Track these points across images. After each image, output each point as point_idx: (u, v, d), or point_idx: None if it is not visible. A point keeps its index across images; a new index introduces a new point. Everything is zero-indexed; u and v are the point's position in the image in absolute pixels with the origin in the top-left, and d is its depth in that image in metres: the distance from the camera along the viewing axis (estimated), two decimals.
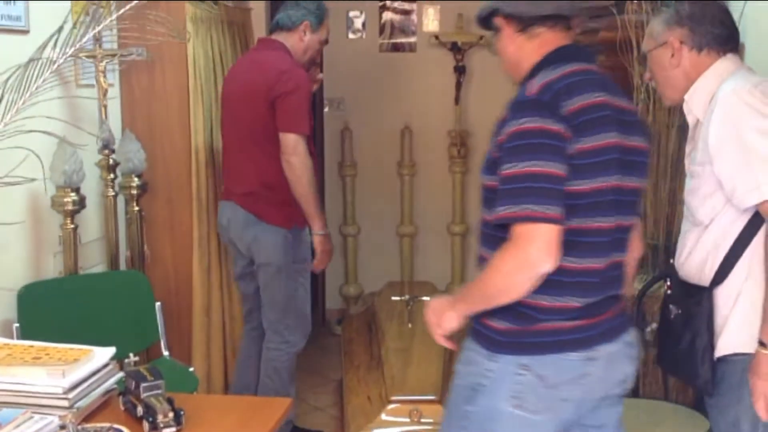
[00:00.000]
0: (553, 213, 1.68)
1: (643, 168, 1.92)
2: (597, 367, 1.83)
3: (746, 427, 1.97)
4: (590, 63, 1.90)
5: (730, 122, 1.90)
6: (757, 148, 1.85)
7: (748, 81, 1.93)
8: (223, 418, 1.99)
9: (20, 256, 2.83)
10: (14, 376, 1.88)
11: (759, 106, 1.87)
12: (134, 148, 3.25)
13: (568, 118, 1.73)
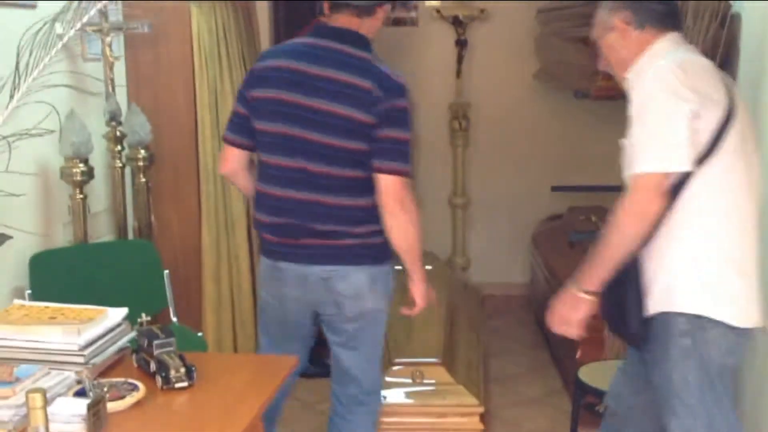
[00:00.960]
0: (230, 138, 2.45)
1: (326, 126, 2.28)
2: (285, 280, 2.41)
3: (677, 380, 2.06)
4: (318, 38, 2.35)
5: (644, 96, 2.01)
6: (651, 123, 1.98)
7: (677, 59, 2.04)
8: (233, 374, 2.07)
9: (30, 226, 2.89)
10: (32, 334, 1.96)
11: (673, 84, 1.97)
12: (140, 121, 3.31)
13: (252, 71, 2.41)
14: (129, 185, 3.39)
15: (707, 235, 2.03)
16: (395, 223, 2.33)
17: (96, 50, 3.21)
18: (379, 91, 2.26)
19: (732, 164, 2.03)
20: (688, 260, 2.03)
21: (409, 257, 2.39)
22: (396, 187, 2.30)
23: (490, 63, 5.19)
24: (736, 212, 2.06)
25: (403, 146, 2.30)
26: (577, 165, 5.15)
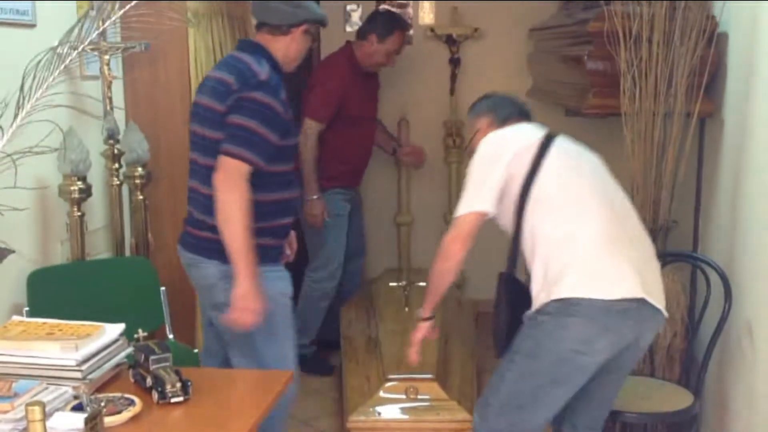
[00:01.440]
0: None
1: (201, 119, 2.55)
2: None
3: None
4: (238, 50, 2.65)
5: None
6: (471, 171, 2.47)
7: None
8: (229, 389, 2.11)
9: (28, 243, 2.93)
10: (30, 350, 1.99)
11: (493, 138, 2.50)
12: (138, 139, 3.35)
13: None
14: (126, 203, 3.43)
15: (559, 245, 2.34)
16: (218, 200, 2.44)
17: (94, 69, 3.26)
18: (237, 83, 2.47)
19: (560, 178, 2.41)
20: (545, 266, 2.35)
21: (228, 240, 2.42)
22: (226, 166, 2.43)
23: (483, 81, 5.22)
24: (585, 214, 2.37)
25: (244, 132, 2.43)
26: None
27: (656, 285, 2.39)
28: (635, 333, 2.35)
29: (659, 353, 3.11)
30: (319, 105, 4.05)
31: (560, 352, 2.31)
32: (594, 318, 2.28)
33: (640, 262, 2.36)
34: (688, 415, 2.78)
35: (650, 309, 2.34)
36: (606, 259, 2.33)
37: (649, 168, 3.16)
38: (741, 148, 3.02)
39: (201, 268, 2.58)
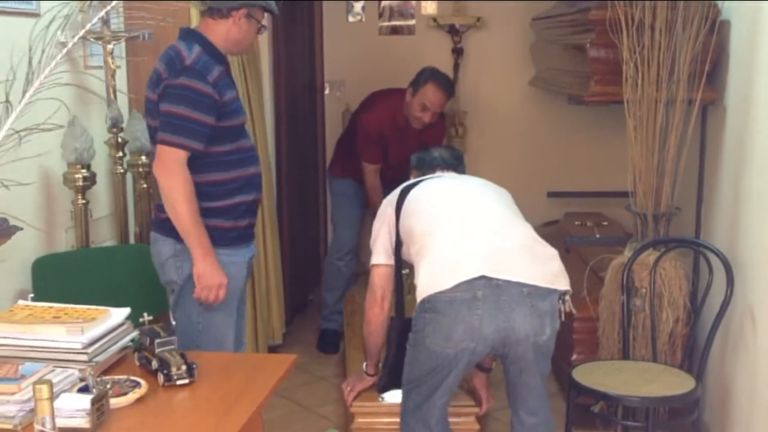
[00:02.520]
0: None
1: (147, 110, 2.64)
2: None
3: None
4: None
5: None
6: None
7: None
8: (233, 372, 2.12)
9: (33, 230, 2.93)
10: (36, 333, 2.01)
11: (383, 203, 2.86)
12: (141, 128, 3.35)
13: None
14: (130, 191, 3.44)
15: (416, 258, 2.56)
16: (161, 188, 2.54)
17: (98, 60, 3.27)
18: (166, 71, 2.53)
19: (414, 210, 2.67)
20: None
21: (178, 225, 2.53)
22: (161, 154, 2.50)
23: (485, 70, 5.25)
24: (435, 229, 2.56)
25: (173, 119, 2.49)
26: (572, 171, 5.20)
27: (518, 263, 2.45)
28: (496, 321, 2.38)
29: (661, 338, 3.13)
30: (364, 150, 4.27)
31: (427, 346, 2.46)
32: (442, 312, 2.40)
33: (497, 248, 2.48)
34: (689, 399, 2.79)
35: (511, 292, 2.39)
36: (447, 257, 2.47)
37: (652, 155, 3.16)
38: (743, 135, 3.03)
39: (157, 244, 2.68)
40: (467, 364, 2.50)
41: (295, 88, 4.81)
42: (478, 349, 2.43)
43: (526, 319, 2.40)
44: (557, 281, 2.48)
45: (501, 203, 2.70)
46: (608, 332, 3.24)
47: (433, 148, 3.03)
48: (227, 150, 2.60)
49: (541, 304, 2.42)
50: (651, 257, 3.13)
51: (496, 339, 2.41)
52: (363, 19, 5.32)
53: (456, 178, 2.86)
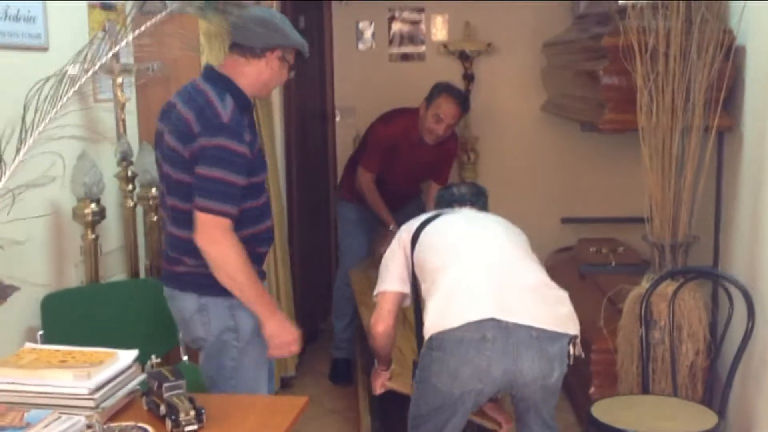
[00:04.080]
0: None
1: (166, 157, 2.44)
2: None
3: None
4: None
5: None
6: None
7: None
8: (243, 416, 2.07)
9: (43, 266, 2.92)
10: (42, 378, 1.96)
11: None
12: (151, 160, 3.30)
13: None
14: (141, 224, 3.41)
15: (427, 295, 2.55)
16: (209, 260, 2.38)
17: (107, 93, 3.25)
18: (198, 126, 2.35)
19: (428, 245, 2.65)
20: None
21: (238, 293, 2.40)
22: (200, 222, 2.35)
23: (497, 96, 5.22)
24: (447, 266, 2.53)
25: (210, 184, 2.33)
26: (586, 197, 5.14)
27: (527, 305, 2.42)
28: (505, 361, 2.37)
29: (681, 372, 3.06)
30: (367, 157, 4.30)
31: (434, 384, 2.44)
32: (450, 351, 2.39)
33: (507, 288, 2.45)
34: None
35: (520, 334, 2.37)
36: (457, 296, 2.45)
37: (668, 183, 3.11)
38: (761, 162, 2.97)
39: (177, 301, 2.53)
40: (474, 404, 2.49)
41: (305, 115, 4.79)
42: (486, 390, 2.42)
43: (534, 363, 2.38)
44: (567, 325, 2.45)
45: (514, 244, 2.65)
46: (627, 365, 3.18)
47: (454, 186, 2.99)
48: (251, 206, 2.47)
49: (550, 348, 2.40)
50: (669, 288, 3.07)
51: (504, 381, 2.40)
52: (373, 46, 5.31)
53: (472, 216, 2.81)
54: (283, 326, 2.45)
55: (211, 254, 2.36)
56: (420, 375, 2.51)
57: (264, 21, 2.47)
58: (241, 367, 2.49)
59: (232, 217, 2.36)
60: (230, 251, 2.35)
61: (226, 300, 2.43)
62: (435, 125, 4.09)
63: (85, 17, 3.17)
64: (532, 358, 2.37)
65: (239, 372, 2.50)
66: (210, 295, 2.43)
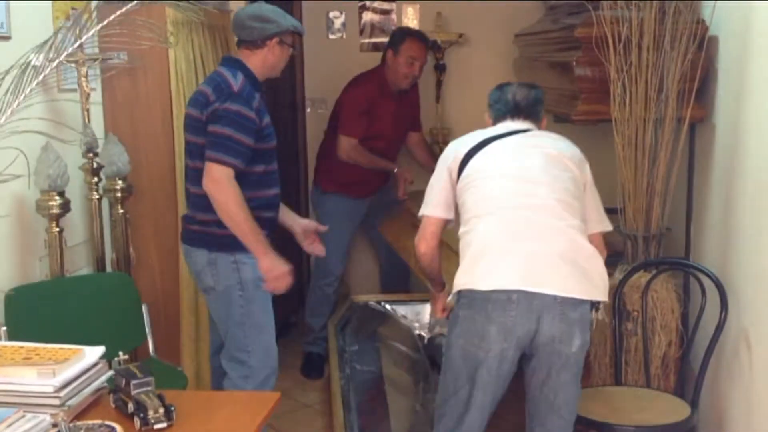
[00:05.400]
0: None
1: (188, 126, 2.94)
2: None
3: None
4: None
5: None
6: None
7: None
8: (214, 413, 2.03)
9: (6, 260, 2.84)
10: (5, 376, 1.91)
11: (446, 150, 2.76)
12: (118, 151, 3.27)
13: None
14: (107, 217, 3.34)
15: (462, 242, 2.57)
16: (214, 202, 2.79)
17: (72, 82, 3.17)
18: (213, 95, 2.82)
19: (471, 182, 2.60)
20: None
21: (236, 231, 2.80)
22: (210, 171, 2.78)
23: (468, 87, 5.18)
24: (485, 214, 2.53)
25: (221, 139, 2.77)
26: None
27: (556, 275, 2.43)
28: (529, 321, 2.41)
29: (654, 363, 3.06)
30: (348, 123, 4.27)
31: (461, 346, 2.48)
32: (476, 308, 2.44)
33: (536, 257, 2.45)
34: (685, 428, 2.73)
35: (545, 298, 2.40)
36: (490, 253, 2.48)
37: (641, 174, 3.11)
38: (733, 153, 2.97)
39: (191, 255, 2.96)
40: (497, 370, 2.46)
41: (275, 107, 4.72)
42: (508, 352, 2.45)
43: (554, 324, 2.42)
44: (592, 292, 2.47)
45: (557, 192, 2.54)
46: (600, 357, 3.18)
47: (508, 87, 2.83)
48: (259, 171, 2.89)
49: (571, 313, 2.43)
50: (642, 279, 3.07)
51: (526, 340, 2.44)
52: (344, 36, 5.25)
53: (520, 150, 2.64)
54: (275, 262, 2.86)
55: (215, 196, 2.78)
56: (447, 343, 2.56)
57: (257, 16, 2.91)
58: (250, 313, 2.90)
59: (237, 169, 2.77)
60: (232, 195, 2.77)
61: (231, 255, 2.85)
62: (409, 69, 4.25)
63: (49, 6, 3.08)
64: (552, 319, 2.42)
65: (248, 318, 2.91)
66: (218, 251, 2.86)
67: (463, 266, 2.51)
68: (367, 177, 4.36)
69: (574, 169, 2.62)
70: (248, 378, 2.93)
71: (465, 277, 2.50)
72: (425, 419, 3.53)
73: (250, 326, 2.91)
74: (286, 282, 2.91)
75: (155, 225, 3.51)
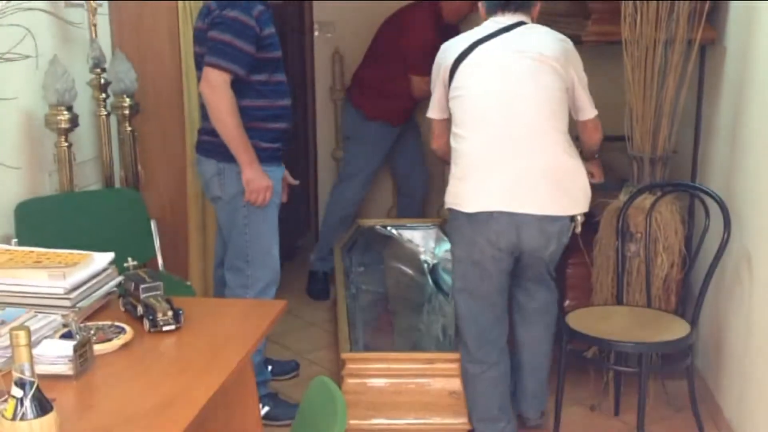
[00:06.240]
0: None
1: (197, 39, 2.96)
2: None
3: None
4: None
5: None
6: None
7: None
8: (222, 318, 2.07)
9: (16, 174, 2.86)
10: (17, 277, 1.95)
11: (438, 55, 2.84)
12: (125, 68, 3.26)
13: None
14: (115, 134, 3.35)
15: (452, 159, 2.77)
16: (208, 106, 2.84)
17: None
18: (215, 4, 2.85)
19: (458, 96, 2.71)
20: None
21: (225, 136, 2.84)
22: (207, 75, 2.81)
23: None
24: (471, 133, 2.68)
25: (219, 45, 2.79)
26: None
27: (535, 194, 2.62)
28: (510, 234, 2.65)
29: (656, 284, 3.09)
30: (420, 64, 3.99)
31: (457, 251, 2.81)
32: (465, 226, 2.71)
33: (519, 176, 2.63)
34: (684, 345, 2.77)
35: (525, 217, 2.63)
36: (475, 174, 2.68)
37: (649, 96, 3.09)
38: (742, 76, 2.95)
39: (201, 165, 3.03)
40: (496, 265, 2.73)
41: (283, 29, 4.68)
42: (497, 255, 2.71)
43: (534, 239, 2.67)
44: (572, 207, 2.68)
45: (542, 105, 2.66)
46: (602, 277, 3.20)
47: None
48: (263, 80, 2.90)
49: (549, 227, 2.67)
50: (647, 201, 3.08)
51: (511, 247, 2.69)
52: None
53: (505, 58, 2.68)
54: (259, 174, 2.87)
55: (208, 99, 2.82)
56: (451, 249, 2.90)
57: None
58: (251, 223, 2.95)
59: (233, 74, 2.80)
60: (225, 99, 2.79)
61: (238, 166, 2.87)
62: (471, 8, 4.15)
63: None
64: (532, 234, 2.66)
65: (250, 227, 2.96)
66: (226, 162, 2.89)
67: (451, 185, 2.74)
68: (409, 105, 4.39)
69: (560, 71, 2.67)
70: (246, 287, 2.99)
71: (453, 198, 2.74)
72: (428, 337, 3.59)
73: (252, 235, 2.96)
74: (266, 196, 2.91)
75: (163, 143, 3.52)
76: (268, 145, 2.96)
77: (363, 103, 4.39)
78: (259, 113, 2.90)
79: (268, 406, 3.04)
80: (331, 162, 5.25)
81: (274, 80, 2.95)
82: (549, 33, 2.74)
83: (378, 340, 3.54)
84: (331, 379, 1.69)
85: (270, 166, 2.95)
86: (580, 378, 3.22)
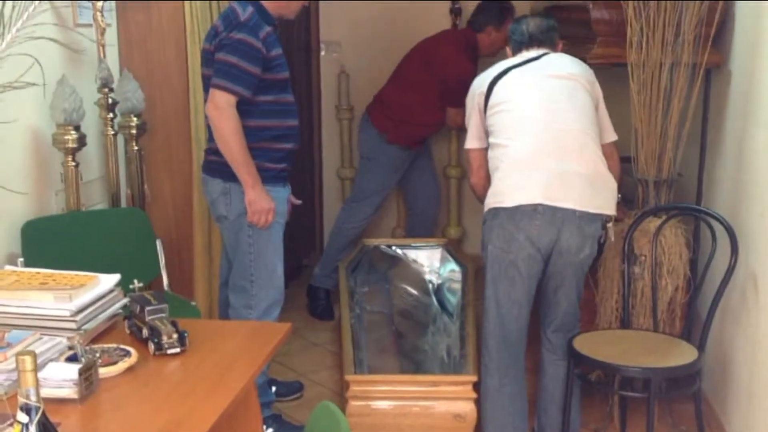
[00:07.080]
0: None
1: (204, 60, 3.00)
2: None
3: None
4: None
5: None
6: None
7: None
8: (226, 340, 2.07)
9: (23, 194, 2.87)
10: (23, 300, 1.95)
11: (471, 87, 3.03)
12: (132, 88, 3.28)
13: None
14: (122, 153, 3.36)
15: (492, 163, 2.85)
16: (213, 127, 2.89)
17: (87, 17, 3.17)
18: (222, 26, 2.89)
19: (496, 110, 2.85)
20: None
21: (229, 158, 2.87)
22: (213, 96, 2.84)
23: None
24: (512, 137, 2.79)
25: (225, 66, 2.83)
26: None
27: (573, 192, 2.71)
28: (551, 232, 2.72)
29: (661, 307, 3.08)
30: (459, 97, 3.78)
31: (491, 252, 2.81)
32: (506, 222, 2.74)
33: (559, 174, 2.72)
34: (692, 370, 2.75)
35: (564, 211, 2.70)
36: (517, 171, 2.76)
37: (654, 119, 3.09)
38: (748, 99, 2.96)
39: (207, 184, 3.04)
40: (527, 271, 2.78)
41: (289, 49, 4.70)
42: (534, 255, 2.75)
43: (573, 237, 2.73)
44: (606, 207, 2.77)
45: (581, 119, 2.80)
46: (607, 300, 3.20)
47: (524, 19, 3.05)
48: (270, 100, 2.93)
49: (587, 227, 2.75)
50: (652, 224, 3.08)
51: (549, 248, 2.75)
52: None
53: (540, 77, 2.88)
54: (261, 195, 2.89)
55: (215, 121, 2.85)
56: (484, 254, 2.86)
57: None
58: (256, 242, 2.96)
59: (239, 96, 2.83)
60: (230, 121, 2.83)
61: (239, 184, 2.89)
62: (504, 43, 4.11)
63: None
64: (572, 232, 2.72)
65: (255, 247, 2.97)
66: (232, 181, 2.91)
67: (493, 186, 2.81)
68: (434, 132, 4.53)
69: (589, 89, 2.87)
70: (250, 308, 2.99)
71: (494, 197, 2.79)
72: (433, 359, 3.58)
73: (257, 255, 2.98)
74: (267, 218, 2.92)
75: (169, 162, 3.54)
76: (274, 166, 2.98)
77: (387, 127, 4.37)
78: (266, 133, 2.93)
79: (272, 428, 3.03)
80: (337, 181, 5.26)
81: (281, 101, 2.97)
82: (573, 58, 2.95)
83: (382, 362, 3.53)
84: (335, 404, 1.69)
85: (275, 187, 2.98)
86: (584, 401, 3.20)
